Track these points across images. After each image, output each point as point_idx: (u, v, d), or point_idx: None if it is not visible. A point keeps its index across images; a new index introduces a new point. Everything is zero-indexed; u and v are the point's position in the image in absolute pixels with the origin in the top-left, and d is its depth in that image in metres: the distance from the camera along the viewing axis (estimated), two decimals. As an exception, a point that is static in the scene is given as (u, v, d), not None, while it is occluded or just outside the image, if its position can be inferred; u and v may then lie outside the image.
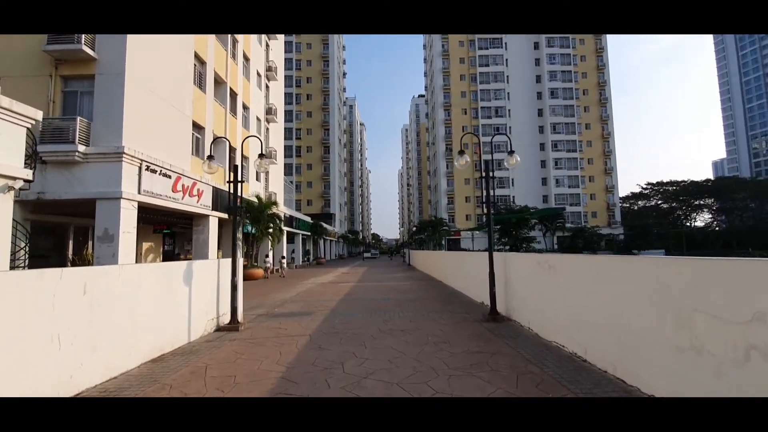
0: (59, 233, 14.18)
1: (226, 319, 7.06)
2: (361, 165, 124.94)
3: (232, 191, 7.40)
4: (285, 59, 65.27)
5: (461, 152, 7.43)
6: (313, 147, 68.46)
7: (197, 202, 15.63)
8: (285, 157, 64.98)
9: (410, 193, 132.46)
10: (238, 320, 7.03)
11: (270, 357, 5.03)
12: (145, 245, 18.22)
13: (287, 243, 35.94)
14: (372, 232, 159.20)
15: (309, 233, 39.53)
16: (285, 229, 29.24)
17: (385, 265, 33.79)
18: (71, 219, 13.87)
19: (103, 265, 11.32)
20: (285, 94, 65.75)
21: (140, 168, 12.26)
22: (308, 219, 41.11)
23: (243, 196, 20.61)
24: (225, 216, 18.27)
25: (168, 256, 19.57)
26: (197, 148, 16.98)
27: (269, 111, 26.22)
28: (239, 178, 7.45)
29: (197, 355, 5.18)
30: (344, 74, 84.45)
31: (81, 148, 11.30)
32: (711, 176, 76.81)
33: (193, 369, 4.60)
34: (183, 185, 14.58)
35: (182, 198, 14.55)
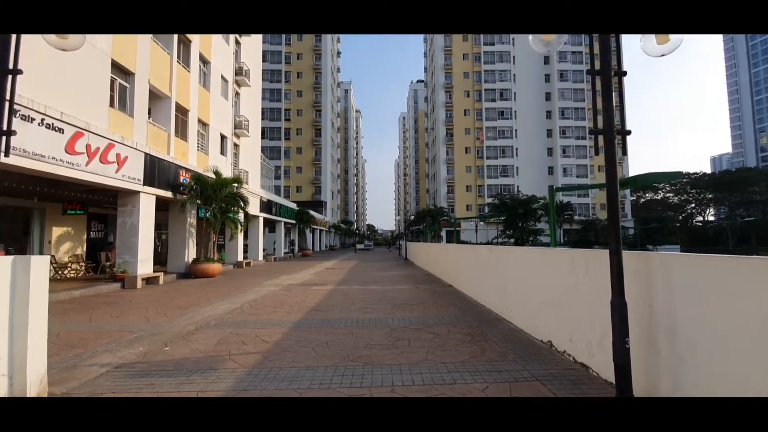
0: None
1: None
2: (357, 153, 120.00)
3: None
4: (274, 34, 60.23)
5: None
6: (303, 129, 63.49)
7: (116, 171, 11.22)
8: (272, 139, 60.27)
9: (407, 183, 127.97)
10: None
11: None
12: (57, 231, 13.77)
13: (268, 232, 31.62)
14: (367, 223, 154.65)
15: (294, 221, 35.14)
16: (261, 215, 24.88)
17: (380, 259, 29.53)
18: None
19: None
20: (273, 71, 60.76)
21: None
22: (293, 205, 36.67)
23: (195, 170, 16.29)
24: (168, 194, 13.89)
25: (97, 246, 15.16)
26: (122, 99, 12.49)
27: (239, 71, 21.62)
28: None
29: None
30: (338, 53, 79.15)
31: None
32: (709, 172, 72.63)
33: None
34: (88, 145, 10.15)
35: (86, 164, 10.14)
